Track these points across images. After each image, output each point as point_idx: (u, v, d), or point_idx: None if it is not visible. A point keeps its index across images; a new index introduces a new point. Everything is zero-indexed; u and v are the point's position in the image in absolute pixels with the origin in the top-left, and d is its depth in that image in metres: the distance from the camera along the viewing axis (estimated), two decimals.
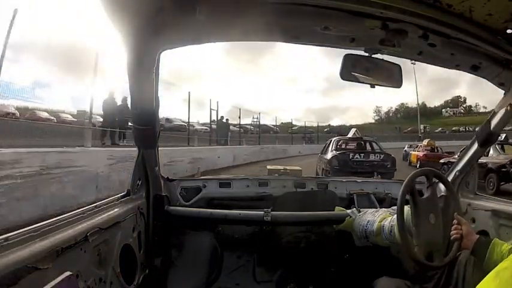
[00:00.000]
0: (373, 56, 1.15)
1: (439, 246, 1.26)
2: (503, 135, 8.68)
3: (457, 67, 1.25)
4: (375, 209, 1.60)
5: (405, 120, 60.59)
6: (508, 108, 1.36)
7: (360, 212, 1.61)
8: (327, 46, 1.23)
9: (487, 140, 1.53)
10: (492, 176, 7.10)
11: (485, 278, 0.80)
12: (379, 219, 1.47)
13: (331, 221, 1.71)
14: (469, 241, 1.23)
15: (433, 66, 1.28)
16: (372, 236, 1.47)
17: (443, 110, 67.75)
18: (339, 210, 1.71)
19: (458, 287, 1.21)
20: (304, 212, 1.70)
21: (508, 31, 0.94)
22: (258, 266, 1.89)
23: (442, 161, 10.89)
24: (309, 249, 1.86)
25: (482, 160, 7.27)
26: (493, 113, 1.46)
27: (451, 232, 1.27)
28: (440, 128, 54.25)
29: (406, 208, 1.28)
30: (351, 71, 1.16)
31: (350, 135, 10.50)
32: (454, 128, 55.32)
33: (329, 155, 8.50)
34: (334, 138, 10.14)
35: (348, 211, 1.64)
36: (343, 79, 1.17)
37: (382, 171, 7.43)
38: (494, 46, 1.02)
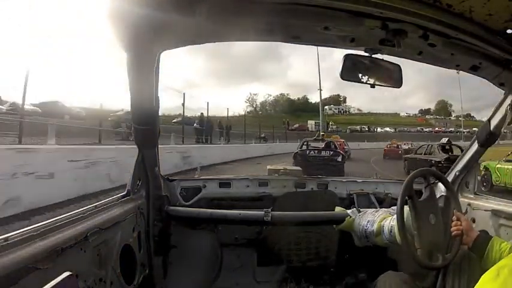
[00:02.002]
0: (373, 56, 1.16)
1: (441, 246, 1.26)
2: (446, 139, 12.27)
3: (457, 67, 1.25)
4: (375, 209, 1.60)
5: (286, 115, 53.63)
6: (508, 108, 1.36)
7: (360, 212, 1.61)
8: (327, 46, 1.23)
9: (487, 140, 1.53)
10: (433, 168, 9.41)
11: (484, 275, 0.79)
12: (379, 219, 1.47)
13: (331, 221, 1.71)
14: (469, 237, 1.24)
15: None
16: (372, 236, 1.47)
17: (326, 107, 62.68)
18: (339, 210, 1.71)
19: (454, 283, 1.21)
20: (304, 212, 1.70)
21: (508, 31, 0.94)
22: (258, 266, 1.90)
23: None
24: (309, 249, 1.86)
25: (429, 157, 11.25)
26: (493, 113, 1.46)
27: (452, 229, 1.27)
28: (335, 126, 50.38)
29: (406, 208, 1.28)
30: (351, 71, 1.16)
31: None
32: (350, 127, 52.87)
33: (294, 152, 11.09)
34: (304, 139, 12.93)
35: (348, 211, 1.64)
36: (344, 79, 1.17)
37: (333, 163, 10.07)
38: (494, 46, 1.02)
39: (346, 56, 1.15)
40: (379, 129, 54.98)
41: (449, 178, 1.70)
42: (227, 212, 1.70)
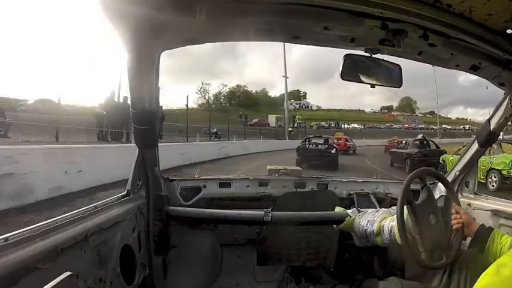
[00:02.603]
0: (373, 56, 1.16)
1: (444, 244, 1.26)
2: (421, 135, 15.06)
3: (457, 67, 1.25)
4: (375, 209, 1.60)
5: (244, 109, 47.98)
6: (508, 108, 1.36)
7: (360, 212, 1.61)
8: (327, 46, 1.23)
9: (487, 139, 1.53)
10: (407, 160, 12.69)
11: (485, 272, 0.80)
12: (379, 219, 1.47)
13: (331, 221, 1.71)
14: (470, 229, 1.24)
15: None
16: (372, 236, 1.47)
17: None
18: (339, 210, 1.71)
19: (460, 281, 1.21)
20: (304, 212, 1.70)
21: (508, 31, 0.94)
22: (258, 265, 1.90)
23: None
24: (309, 249, 1.86)
25: (405, 151, 13.44)
26: (493, 113, 1.46)
27: (452, 222, 1.27)
28: (302, 121, 45.43)
29: (406, 209, 1.28)
30: (351, 71, 1.16)
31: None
32: (316, 123, 50.41)
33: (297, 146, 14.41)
34: (306, 136, 16.25)
35: (348, 211, 1.64)
36: (344, 79, 1.17)
37: (328, 155, 13.43)
38: (494, 46, 1.02)
39: (346, 56, 1.15)
40: (346, 126, 52.51)
41: (449, 178, 1.71)
42: (227, 212, 1.70)
